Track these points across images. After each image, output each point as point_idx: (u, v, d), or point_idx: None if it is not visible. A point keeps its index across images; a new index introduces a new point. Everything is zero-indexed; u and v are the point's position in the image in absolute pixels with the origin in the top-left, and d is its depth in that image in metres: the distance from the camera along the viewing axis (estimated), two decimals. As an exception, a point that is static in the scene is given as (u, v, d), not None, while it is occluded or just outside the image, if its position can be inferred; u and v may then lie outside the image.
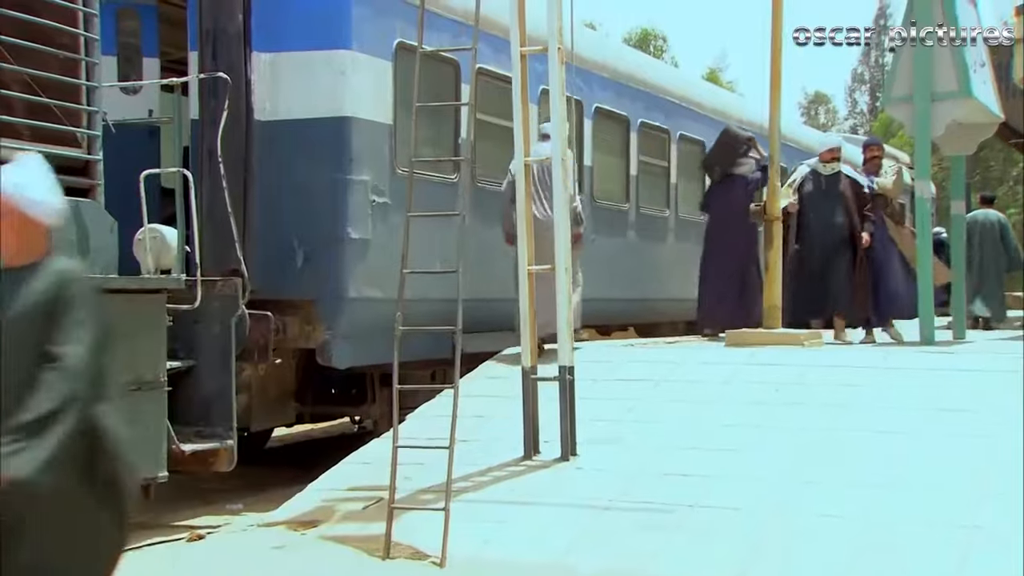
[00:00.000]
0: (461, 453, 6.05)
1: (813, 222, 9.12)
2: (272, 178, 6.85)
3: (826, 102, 52.45)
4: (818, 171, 9.28)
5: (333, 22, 6.92)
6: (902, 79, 8.72)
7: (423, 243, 6.69)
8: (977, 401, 6.15)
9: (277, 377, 7.36)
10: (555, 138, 6.12)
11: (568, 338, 6.11)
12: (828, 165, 9.24)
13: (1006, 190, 33.57)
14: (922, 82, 8.43)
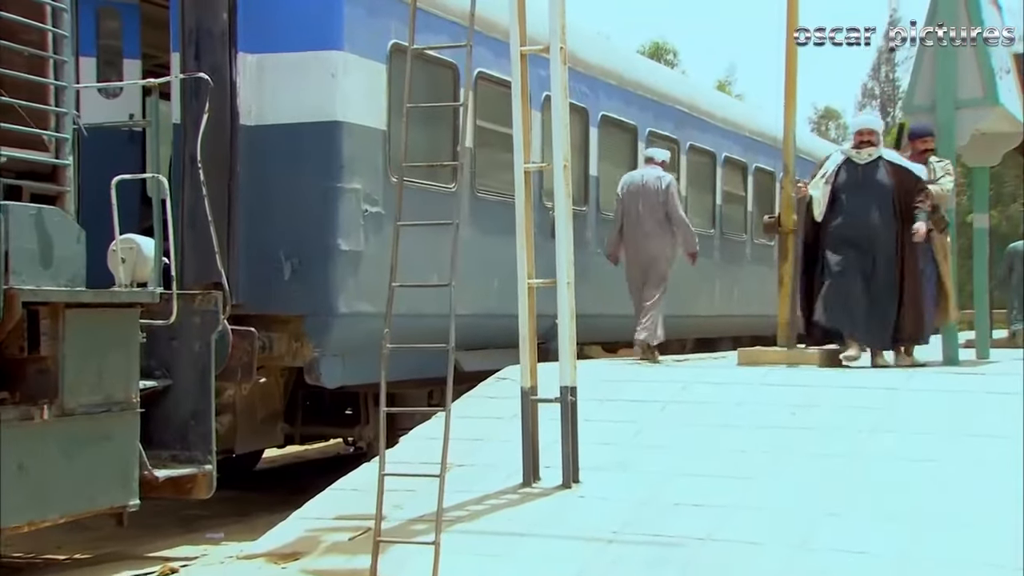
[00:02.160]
0: (456, 479, 5.71)
1: (847, 222, 7.61)
2: (258, 186, 6.51)
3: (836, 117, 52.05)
4: (852, 159, 7.77)
5: (324, 22, 6.58)
6: (924, 86, 8.36)
7: (420, 255, 6.34)
8: (1010, 426, 5.74)
9: (264, 397, 7.00)
10: (557, 143, 5.75)
11: (570, 356, 5.72)
12: (863, 151, 7.74)
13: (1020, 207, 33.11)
14: (946, 89, 8.07)
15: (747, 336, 11.08)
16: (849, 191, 7.66)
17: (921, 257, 7.71)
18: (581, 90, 9.01)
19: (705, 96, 12.23)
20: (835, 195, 7.65)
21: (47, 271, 4.73)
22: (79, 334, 4.87)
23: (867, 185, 7.63)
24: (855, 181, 7.67)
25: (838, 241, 7.60)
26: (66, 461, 4.84)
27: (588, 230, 9.37)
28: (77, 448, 4.89)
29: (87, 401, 4.91)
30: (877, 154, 7.71)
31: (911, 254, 7.60)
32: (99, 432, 5.00)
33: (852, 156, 7.74)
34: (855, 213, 7.57)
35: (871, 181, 7.62)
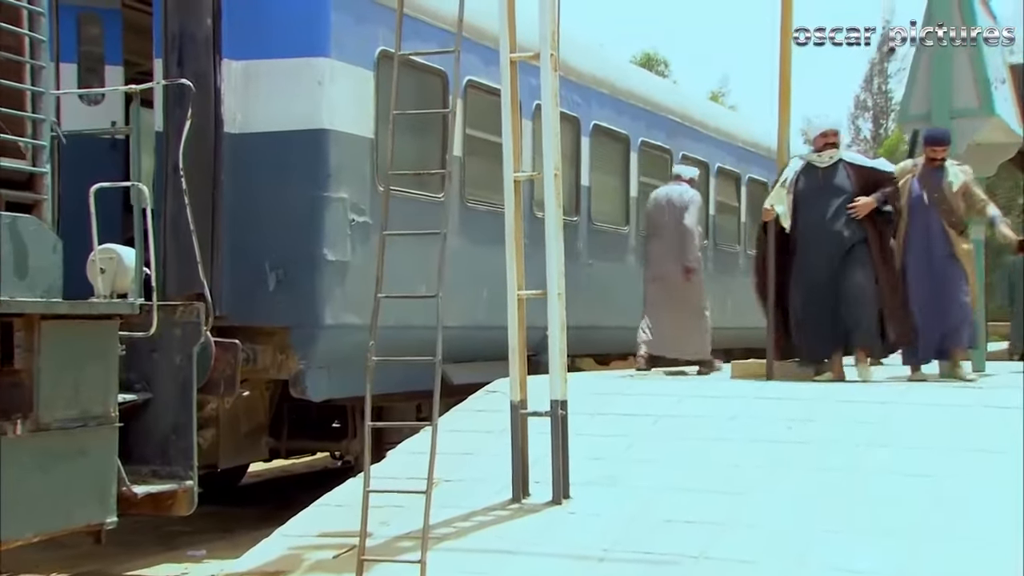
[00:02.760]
0: (444, 494, 5.59)
1: (809, 229, 7.45)
2: (243, 195, 6.38)
3: (828, 129, 52.04)
4: (813, 163, 7.62)
5: (310, 28, 6.46)
6: (919, 95, 8.30)
7: (408, 266, 6.22)
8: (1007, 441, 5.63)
9: (248, 410, 6.86)
10: (547, 152, 5.64)
11: (561, 369, 5.60)
12: (824, 154, 7.56)
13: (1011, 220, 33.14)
14: (941, 98, 8.01)
15: (740, 348, 10.96)
16: (810, 197, 7.48)
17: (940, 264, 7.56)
18: (573, 99, 8.91)
19: (698, 106, 12.15)
20: (796, 202, 7.48)
21: (22, 281, 4.58)
22: (55, 346, 4.72)
23: (828, 189, 7.45)
24: (815, 186, 7.50)
25: (804, 250, 7.46)
26: (41, 477, 4.69)
27: (579, 241, 9.26)
28: (52, 464, 4.74)
29: (63, 416, 4.76)
30: (837, 156, 7.55)
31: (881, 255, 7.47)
32: (75, 447, 4.84)
33: (812, 160, 7.58)
34: (817, 219, 7.41)
35: (831, 184, 7.43)
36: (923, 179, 7.64)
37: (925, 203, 7.62)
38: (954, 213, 7.57)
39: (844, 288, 7.32)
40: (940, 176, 7.62)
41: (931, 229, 7.59)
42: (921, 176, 7.68)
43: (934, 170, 7.62)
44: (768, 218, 7.51)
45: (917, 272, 7.61)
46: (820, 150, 7.51)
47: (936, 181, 7.60)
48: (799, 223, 7.41)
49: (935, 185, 7.60)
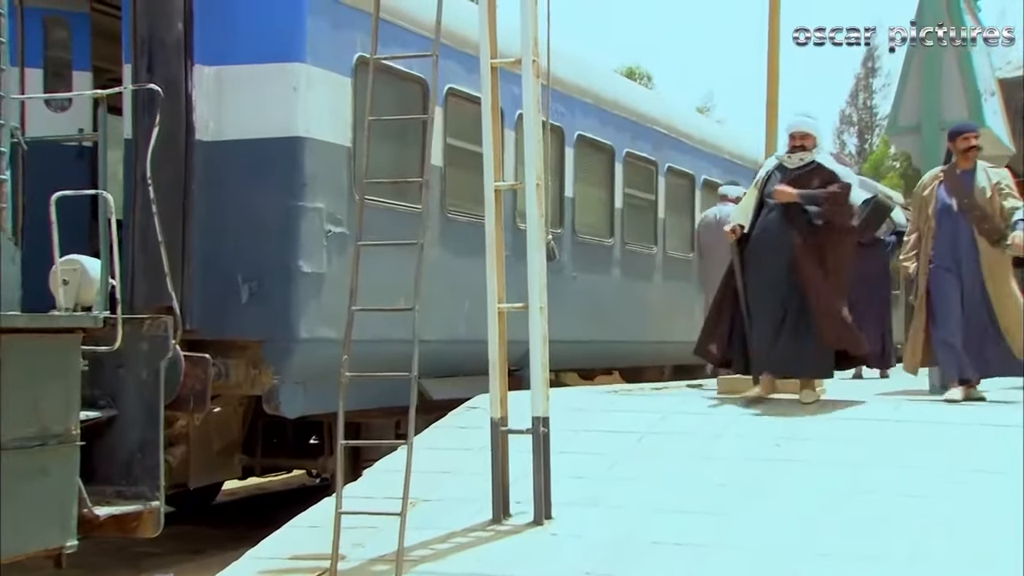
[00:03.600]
0: (421, 515, 5.40)
1: (768, 234, 6.76)
2: (215, 204, 6.19)
3: (814, 144, 52.20)
4: (784, 164, 7.01)
5: (285, 33, 6.28)
6: (908, 106, 8.18)
7: (386, 278, 6.02)
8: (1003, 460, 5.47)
9: (220, 427, 6.66)
10: (529, 161, 5.46)
11: (543, 385, 5.41)
12: (794, 155, 6.93)
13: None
14: (931, 109, 7.88)
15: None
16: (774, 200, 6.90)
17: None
18: (557, 109, 8.75)
19: (684, 117, 12.02)
20: (762, 203, 6.94)
21: (-24, 293, 4.38)
22: (13, 361, 4.52)
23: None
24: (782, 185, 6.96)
25: (760, 256, 6.82)
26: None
27: (564, 253, 9.09)
28: (9, 485, 4.52)
29: (21, 434, 4.55)
30: (810, 159, 6.93)
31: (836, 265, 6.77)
32: (34, 467, 4.63)
33: (784, 161, 7.02)
34: (779, 223, 6.75)
35: (799, 185, 6.82)
36: (951, 184, 7.02)
37: (954, 211, 6.98)
38: (987, 219, 6.87)
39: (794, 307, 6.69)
40: (970, 180, 7.02)
41: (960, 240, 6.94)
42: (948, 181, 7.05)
43: (964, 174, 7.02)
44: (731, 238, 6.94)
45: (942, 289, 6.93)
46: (791, 151, 7.00)
47: (966, 185, 6.99)
48: (757, 224, 6.88)
49: (965, 190, 6.97)
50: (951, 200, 6.97)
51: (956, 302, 6.92)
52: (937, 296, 6.98)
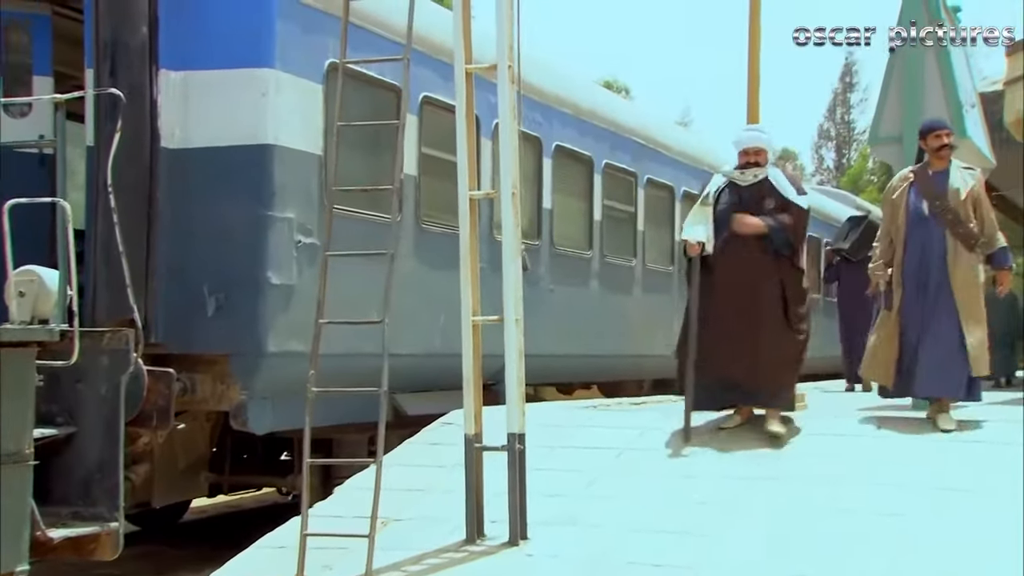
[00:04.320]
0: (392, 535, 5.23)
1: (726, 255, 6.32)
2: (181, 214, 6.00)
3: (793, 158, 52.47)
4: (735, 181, 6.49)
5: (254, 37, 6.10)
6: (889, 117, 8.07)
7: (359, 290, 5.87)
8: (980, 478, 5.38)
9: (186, 444, 6.46)
10: (505, 169, 5.31)
11: (518, 400, 5.24)
12: (747, 172, 6.41)
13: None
14: (912, 120, 7.75)
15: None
16: (728, 217, 6.39)
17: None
18: (534, 118, 8.62)
19: (663, 129, 11.90)
20: (716, 221, 6.43)
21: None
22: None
23: (747, 210, 6.37)
24: (735, 205, 6.42)
25: (718, 279, 6.36)
26: (-57, 521, 4.27)
27: (542, 265, 8.94)
28: (-43, 506, 4.32)
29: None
30: (763, 174, 6.44)
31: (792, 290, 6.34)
32: (-16, 487, 4.43)
33: (735, 177, 6.47)
34: (734, 244, 6.32)
35: (753, 205, 6.37)
36: (922, 186, 6.46)
37: (925, 214, 6.40)
38: (962, 224, 6.29)
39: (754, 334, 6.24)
40: (943, 181, 6.43)
41: (930, 246, 6.34)
42: (920, 183, 6.48)
43: (936, 175, 6.46)
44: (694, 252, 6.36)
45: (910, 298, 6.43)
46: (743, 167, 6.46)
47: (939, 187, 6.41)
48: (717, 247, 6.38)
49: (938, 192, 6.39)
50: (922, 203, 6.44)
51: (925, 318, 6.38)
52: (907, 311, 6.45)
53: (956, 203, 6.34)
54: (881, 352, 6.58)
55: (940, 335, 6.30)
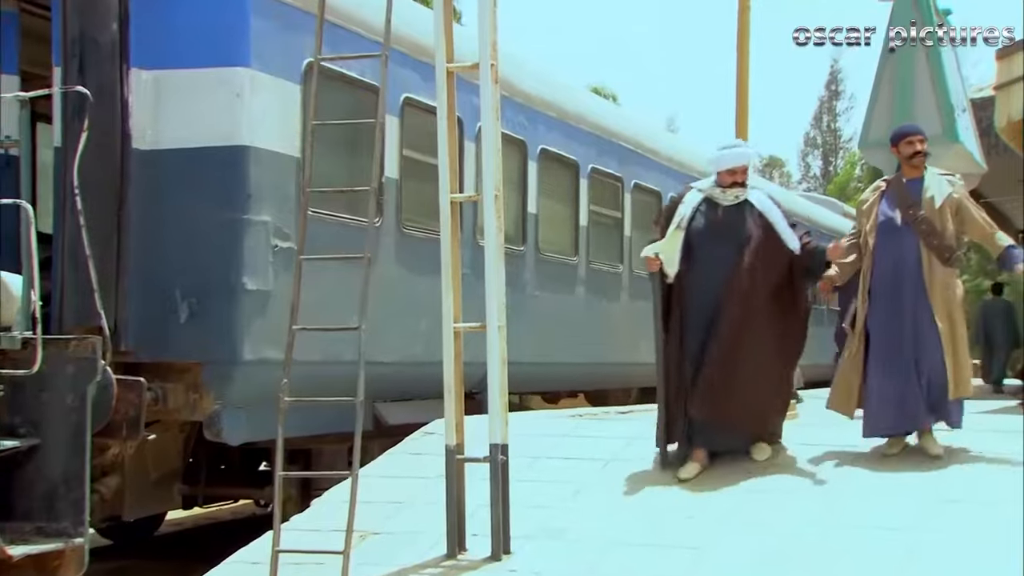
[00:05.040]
0: (371, 550, 5.08)
1: (704, 282, 5.81)
2: (153, 217, 5.81)
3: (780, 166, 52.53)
4: (714, 199, 5.96)
5: (228, 35, 5.91)
6: (879, 121, 7.97)
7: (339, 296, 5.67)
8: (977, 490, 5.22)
9: (158, 455, 6.26)
10: (487, 170, 5.14)
11: (501, 410, 5.07)
12: (729, 191, 5.90)
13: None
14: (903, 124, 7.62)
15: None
16: (707, 241, 5.81)
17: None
18: (519, 121, 8.46)
19: (650, 134, 11.76)
20: (689, 245, 5.81)
21: None
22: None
23: (730, 233, 5.81)
24: (715, 227, 5.84)
25: (691, 306, 5.84)
26: None
27: (527, 271, 8.77)
28: (-90, 522, 4.12)
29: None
30: (745, 195, 5.90)
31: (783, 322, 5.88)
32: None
33: (716, 196, 5.91)
34: (715, 269, 5.77)
35: (735, 228, 5.81)
36: (894, 195, 5.93)
37: (898, 224, 5.88)
38: (937, 235, 5.78)
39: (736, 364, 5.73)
40: (918, 189, 5.91)
41: (904, 258, 5.82)
42: (891, 191, 5.97)
43: (911, 183, 5.94)
44: (653, 268, 5.88)
45: (880, 318, 5.85)
46: (726, 187, 5.92)
47: (913, 195, 5.88)
48: (693, 270, 5.82)
49: (911, 200, 5.85)
50: (894, 212, 5.89)
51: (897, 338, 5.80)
52: (875, 330, 5.87)
53: (931, 212, 5.81)
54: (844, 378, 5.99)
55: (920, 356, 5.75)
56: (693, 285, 5.83)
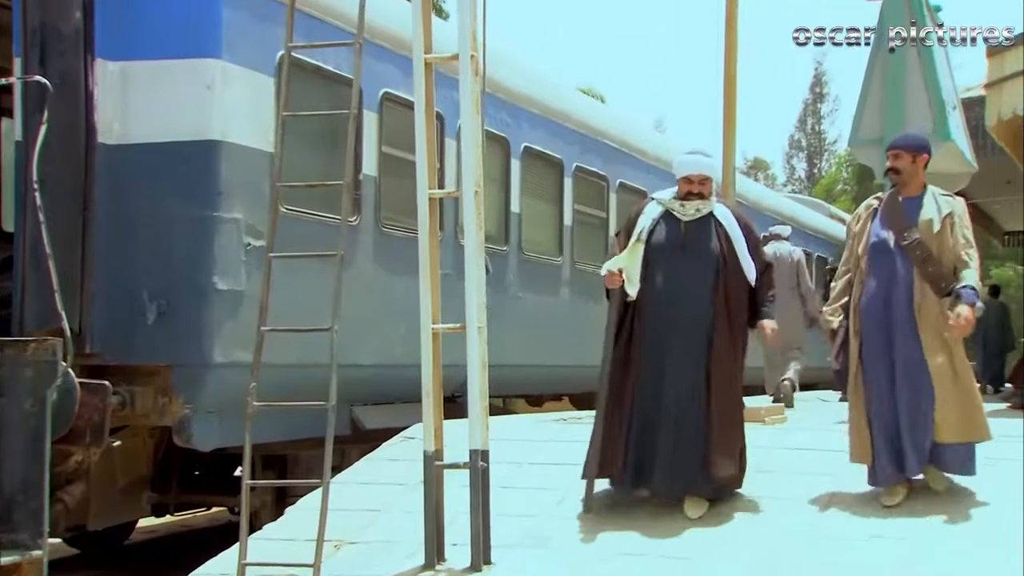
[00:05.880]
0: (346, 560, 4.94)
1: (661, 306, 5.24)
2: (119, 214, 5.61)
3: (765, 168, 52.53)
4: (674, 213, 5.44)
5: (198, 25, 5.70)
6: (869, 118, 7.83)
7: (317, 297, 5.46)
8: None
9: (126, 462, 6.05)
10: (467, 165, 4.95)
11: (482, 415, 4.87)
12: (689, 204, 5.36)
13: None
14: (895, 122, 7.50)
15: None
16: (666, 259, 5.26)
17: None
18: (502, 118, 8.27)
19: (637, 133, 11.58)
20: (647, 263, 5.28)
21: None
22: None
23: (692, 252, 5.27)
24: (676, 245, 5.28)
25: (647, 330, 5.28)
26: None
27: (510, 272, 8.58)
28: None
29: None
30: (708, 209, 5.34)
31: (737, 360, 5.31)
32: None
33: (675, 209, 5.37)
34: (673, 293, 5.23)
35: (697, 246, 5.26)
36: (888, 215, 5.27)
37: (891, 248, 5.21)
38: (933, 261, 5.12)
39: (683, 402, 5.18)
40: (914, 209, 5.24)
41: (895, 287, 5.16)
42: (885, 211, 5.29)
43: (908, 201, 5.27)
44: (613, 284, 5.32)
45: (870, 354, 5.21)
46: (684, 197, 5.40)
47: (909, 216, 5.22)
48: (650, 292, 5.26)
49: (906, 222, 5.20)
50: (887, 234, 5.22)
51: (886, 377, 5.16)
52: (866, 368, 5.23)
53: (928, 236, 5.13)
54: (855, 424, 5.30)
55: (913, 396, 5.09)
56: (648, 306, 5.24)
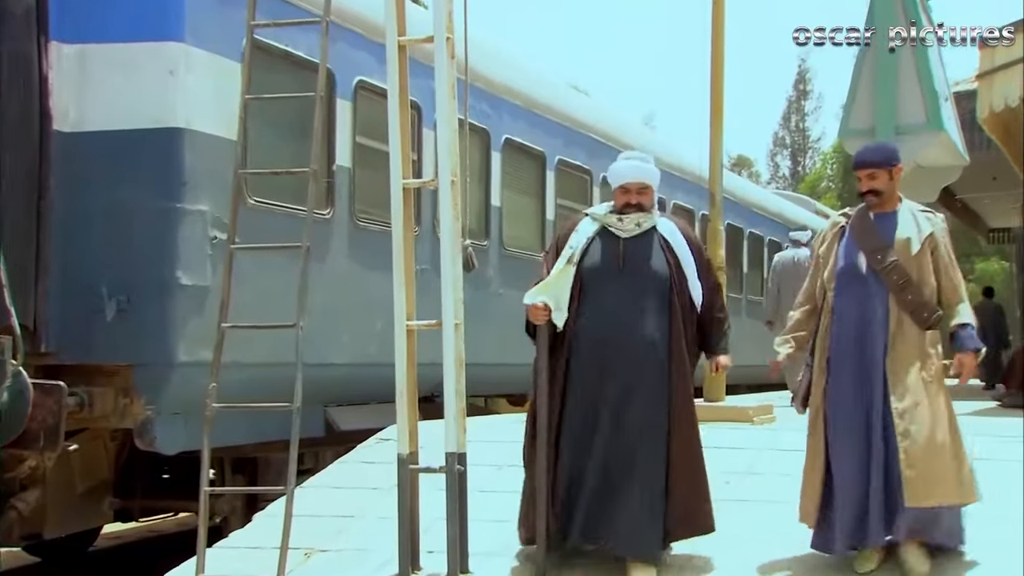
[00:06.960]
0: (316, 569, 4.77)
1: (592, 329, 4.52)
2: (77, 206, 5.37)
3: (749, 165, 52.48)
4: (611, 229, 4.64)
5: (160, 7, 5.46)
6: (860, 109, 7.64)
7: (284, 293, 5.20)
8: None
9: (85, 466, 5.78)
10: (444, 153, 4.70)
11: (458, 416, 4.63)
12: (628, 218, 4.61)
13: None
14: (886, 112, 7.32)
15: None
16: (604, 282, 4.55)
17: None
18: (482, 109, 8.03)
19: (621, 126, 11.36)
20: (582, 288, 4.58)
21: None
22: None
23: (634, 272, 4.54)
24: (612, 264, 4.56)
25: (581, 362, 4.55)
26: None
27: (490, 268, 8.34)
28: None
29: None
30: (650, 223, 4.62)
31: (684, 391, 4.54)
32: None
33: (612, 225, 4.63)
34: (615, 320, 4.50)
35: (640, 266, 4.55)
36: (859, 235, 4.46)
37: (863, 273, 4.42)
38: (912, 288, 4.33)
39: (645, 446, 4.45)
40: (890, 227, 4.44)
41: (869, 318, 4.37)
42: (856, 231, 4.47)
43: (880, 218, 4.46)
44: (539, 319, 4.60)
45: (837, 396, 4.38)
46: (621, 211, 4.65)
47: (882, 234, 4.42)
48: (584, 319, 4.56)
49: (880, 242, 4.40)
50: (858, 256, 4.43)
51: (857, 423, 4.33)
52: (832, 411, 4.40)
53: (906, 259, 4.36)
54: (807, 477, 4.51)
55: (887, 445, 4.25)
56: (585, 339, 4.52)
